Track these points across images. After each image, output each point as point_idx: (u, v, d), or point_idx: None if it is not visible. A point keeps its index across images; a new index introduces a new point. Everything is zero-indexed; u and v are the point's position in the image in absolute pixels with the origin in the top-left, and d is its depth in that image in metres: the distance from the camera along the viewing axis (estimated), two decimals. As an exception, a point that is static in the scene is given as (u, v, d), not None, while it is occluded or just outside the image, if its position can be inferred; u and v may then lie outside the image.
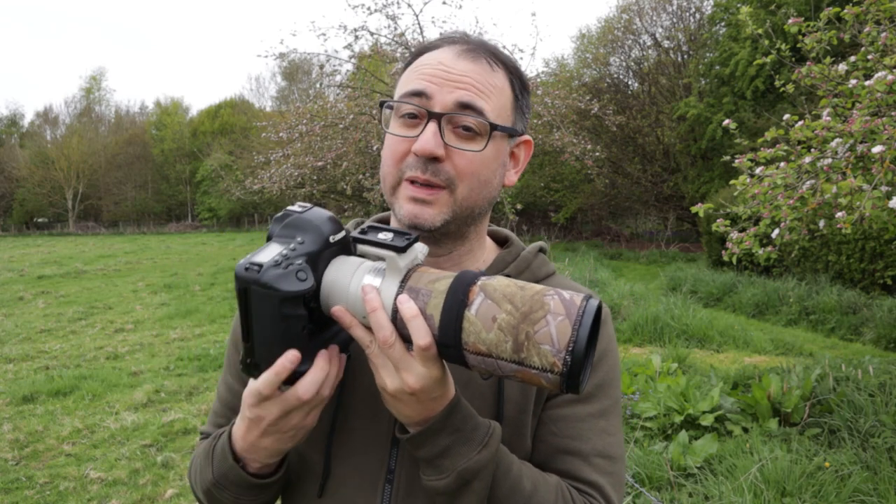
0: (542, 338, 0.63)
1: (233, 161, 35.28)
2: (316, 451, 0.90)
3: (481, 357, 0.67)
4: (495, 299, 0.66)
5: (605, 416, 0.90)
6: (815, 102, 4.39)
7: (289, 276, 0.68)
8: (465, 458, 0.76)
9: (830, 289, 8.91)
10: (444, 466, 0.76)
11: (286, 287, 0.68)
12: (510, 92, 0.90)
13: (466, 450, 0.76)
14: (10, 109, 70.36)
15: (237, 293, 0.70)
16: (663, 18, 21.49)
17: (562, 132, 12.26)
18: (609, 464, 0.88)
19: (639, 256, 18.07)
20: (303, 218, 0.75)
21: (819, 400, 4.41)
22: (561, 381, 0.64)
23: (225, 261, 19.91)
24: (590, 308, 0.64)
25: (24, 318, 10.54)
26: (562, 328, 0.63)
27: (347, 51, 12.04)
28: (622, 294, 9.18)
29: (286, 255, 0.70)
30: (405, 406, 0.74)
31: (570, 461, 0.87)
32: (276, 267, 0.68)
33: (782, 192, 3.65)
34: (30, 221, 50.26)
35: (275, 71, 57.22)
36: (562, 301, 0.65)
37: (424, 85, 0.85)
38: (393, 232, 0.73)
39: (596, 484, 0.86)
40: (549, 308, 0.64)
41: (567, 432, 0.88)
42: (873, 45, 3.78)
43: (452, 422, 0.76)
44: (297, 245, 0.72)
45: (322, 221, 0.75)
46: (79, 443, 4.89)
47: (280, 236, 0.74)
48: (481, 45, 0.90)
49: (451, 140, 0.84)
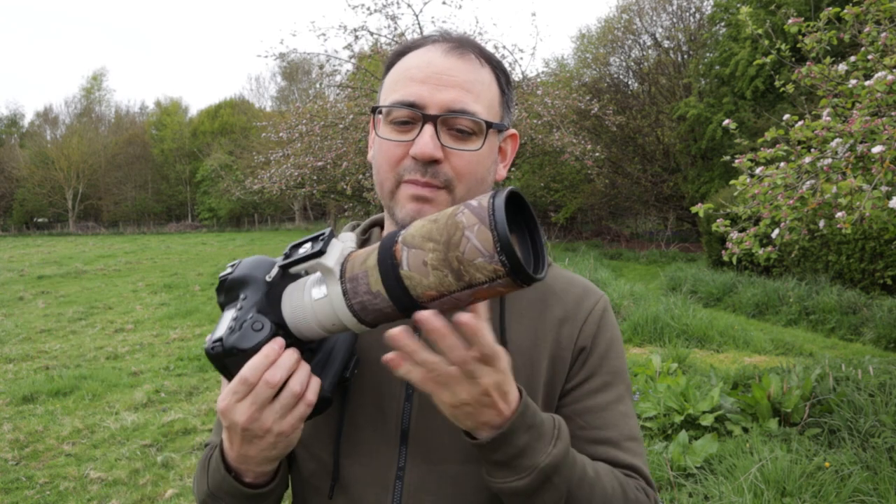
0: (471, 254, 0.63)
1: (233, 161, 35.30)
2: (325, 451, 0.90)
3: (437, 301, 0.67)
4: (417, 245, 0.66)
5: (622, 401, 0.93)
6: (815, 102, 4.39)
7: (245, 333, 0.72)
8: (543, 454, 0.75)
9: (830, 289, 8.91)
10: (523, 466, 0.75)
11: (247, 344, 0.72)
12: (497, 87, 0.90)
13: (542, 445, 0.75)
14: (10, 109, 70.58)
15: (219, 370, 0.76)
16: (663, 18, 21.50)
17: (562, 132, 12.26)
18: (637, 445, 0.91)
19: (639, 256, 18.06)
20: (235, 276, 0.77)
21: (819, 400, 4.41)
22: (514, 280, 0.64)
23: (225, 261, 19.89)
24: (498, 202, 0.63)
25: (24, 318, 10.54)
26: (481, 235, 0.63)
27: (347, 51, 12.07)
28: (622, 294, 9.18)
29: (237, 317, 0.74)
30: (477, 413, 0.72)
31: (605, 450, 0.88)
32: (232, 333, 0.73)
33: (782, 192, 3.65)
34: (30, 221, 50.25)
35: (275, 71, 57.29)
36: (471, 211, 0.64)
37: (417, 88, 0.84)
38: (309, 240, 0.75)
39: (633, 466, 0.89)
40: (462, 224, 0.64)
41: (595, 423, 0.90)
42: (873, 45, 3.78)
43: (525, 419, 0.75)
44: (243, 302, 0.75)
45: (253, 269, 0.77)
46: (79, 443, 4.89)
47: (227, 303, 0.78)
48: (466, 41, 0.89)
49: (447, 141, 0.84)
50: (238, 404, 0.73)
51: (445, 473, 0.87)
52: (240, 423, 0.73)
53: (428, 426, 0.88)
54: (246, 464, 0.80)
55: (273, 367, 0.71)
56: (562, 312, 0.94)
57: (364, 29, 12.11)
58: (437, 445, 0.88)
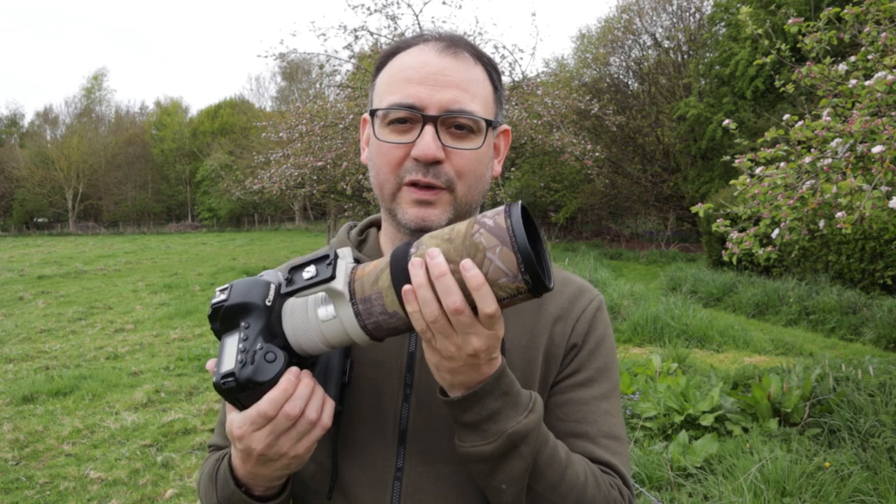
0: (495, 274, 0.65)
1: (233, 161, 35.27)
2: (324, 453, 0.90)
3: None
4: None
5: (607, 399, 0.93)
6: (815, 102, 4.39)
7: (260, 365, 0.71)
8: (513, 422, 0.75)
9: (830, 289, 8.91)
10: (492, 430, 0.75)
11: (263, 377, 0.70)
12: (490, 84, 0.90)
13: (514, 413, 0.76)
14: (10, 109, 70.49)
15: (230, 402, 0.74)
16: (663, 18, 21.49)
17: (562, 132, 12.26)
18: (616, 444, 0.91)
19: (639, 256, 18.06)
20: (233, 304, 0.74)
21: (819, 400, 4.41)
22: (533, 295, 0.66)
23: (225, 261, 19.90)
24: (516, 222, 0.65)
25: (24, 318, 10.54)
26: (505, 257, 0.64)
27: (347, 51, 12.07)
28: (622, 294, 9.18)
29: (245, 349, 0.71)
30: (459, 371, 0.72)
31: (580, 444, 0.88)
32: (244, 366, 0.70)
33: (782, 192, 3.65)
34: (30, 221, 50.24)
35: (275, 71, 57.24)
36: (490, 231, 0.65)
37: (415, 89, 0.84)
38: (312, 262, 0.72)
39: (610, 463, 0.88)
40: (483, 246, 0.65)
41: (573, 416, 0.90)
42: (873, 45, 3.78)
43: (501, 385, 0.75)
44: (246, 330, 0.73)
45: (249, 294, 0.74)
46: (79, 443, 4.89)
47: (227, 331, 0.75)
48: (459, 40, 0.90)
49: (447, 141, 0.85)
50: (255, 433, 0.73)
51: (443, 474, 0.87)
52: (257, 450, 0.74)
53: (426, 427, 0.88)
54: (256, 480, 0.80)
55: (292, 400, 0.72)
56: (557, 311, 0.94)
57: (364, 29, 12.12)
58: (435, 446, 0.88)
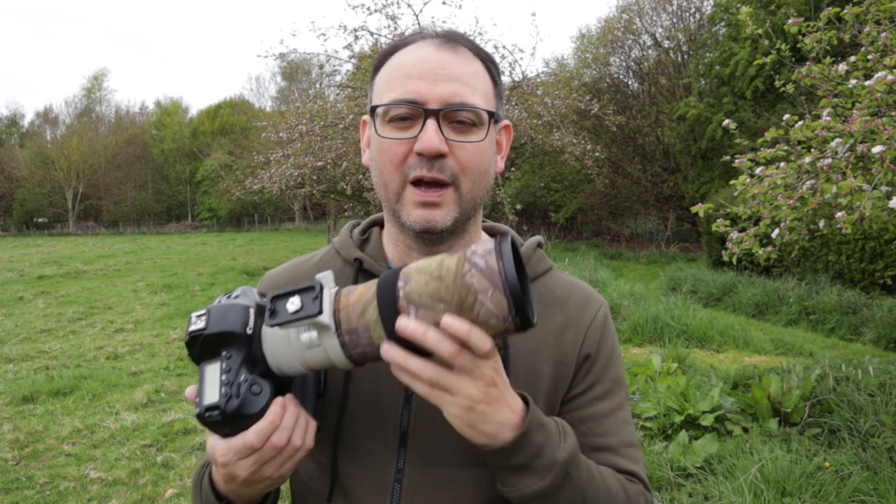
0: (486, 316, 0.66)
1: (233, 161, 35.26)
2: (324, 454, 0.90)
3: None
4: (425, 305, 0.66)
5: (622, 408, 0.94)
6: (815, 102, 4.39)
7: (246, 399, 0.70)
8: (559, 451, 0.75)
9: (830, 289, 8.91)
10: (541, 466, 0.74)
11: (250, 410, 0.70)
12: (489, 78, 0.90)
13: (554, 442, 0.75)
14: (10, 109, 70.42)
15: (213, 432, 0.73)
16: (663, 18, 21.49)
17: (562, 132, 12.26)
18: (635, 451, 0.93)
19: (639, 256, 18.06)
20: (213, 333, 0.72)
21: (819, 400, 4.41)
22: (520, 332, 0.67)
23: (225, 261, 19.90)
24: (508, 265, 0.65)
25: (24, 318, 10.54)
26: (497, 301, 0.65)
27: (347, 51, 12.07)
28: (622, 294, 9.18)
29: (228, 381, 0.70)
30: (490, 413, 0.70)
31: (607, 457, 0.89)
32: (230, 400, 0.69)
33: (782, 192, 3.65)
34: (30, 221, 50.24)
35: (275, 71, 57.22)
36: (482, 273, 0.65)
37: (415, 84, 0.84)
38: (296, 293, 0.70)
39: (634, 472, 0.90)
40: (475, 288, 0.65)
41: (598, 430, 0.91)
42: (873, 45, 3.78)
43: (536, 417, 0.74)
44: (228, 361, 0.71)
45: (229, 322, 0.72)
46: (79, 443, 4.89)
47: (207, 360, 0.73)
48: (456, 35, 0.90)
49: (450, 135, 0.84)
50: (240, 462, 0.73)
51: (444, 476, 0.87)
52: (241, 477, 0.74)
53: (427, 428, 0.88)
54: (238, 496, 0.80)
55: (279, 431, 0.72)
56: (563, 318, 0.94)
57: (364, 29, 12.12)
58: (436, 448, 0.87)
